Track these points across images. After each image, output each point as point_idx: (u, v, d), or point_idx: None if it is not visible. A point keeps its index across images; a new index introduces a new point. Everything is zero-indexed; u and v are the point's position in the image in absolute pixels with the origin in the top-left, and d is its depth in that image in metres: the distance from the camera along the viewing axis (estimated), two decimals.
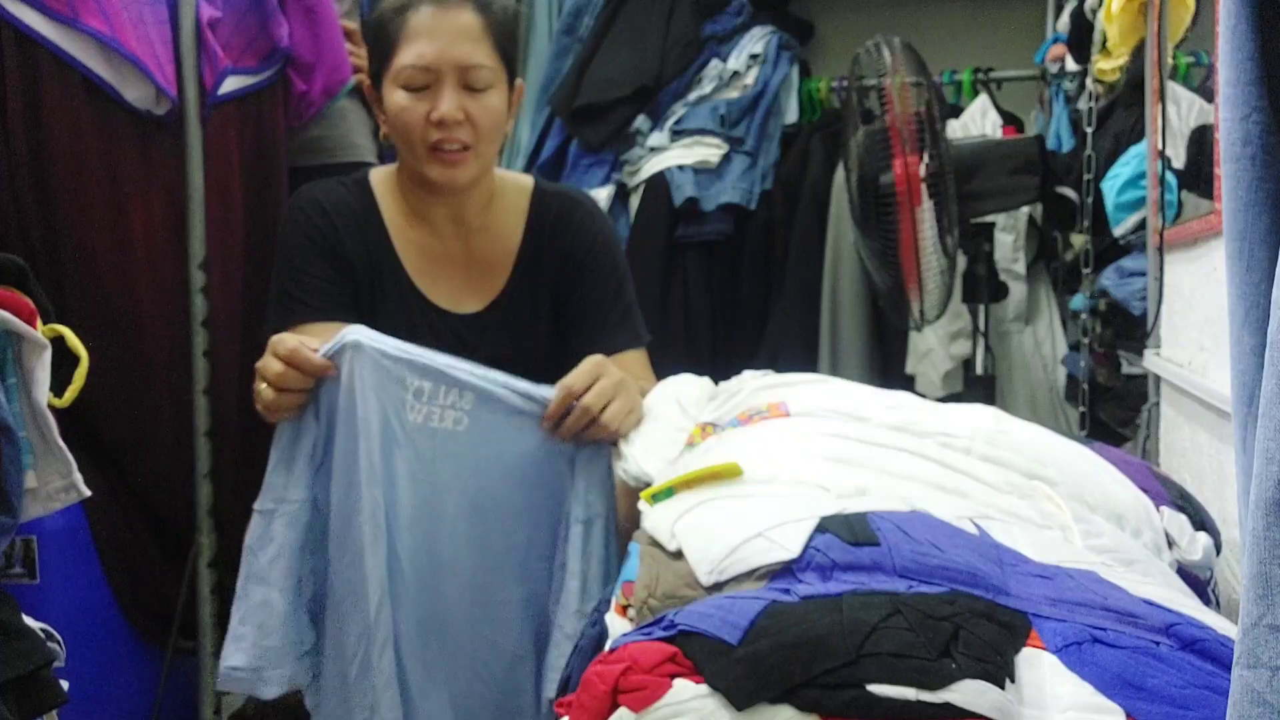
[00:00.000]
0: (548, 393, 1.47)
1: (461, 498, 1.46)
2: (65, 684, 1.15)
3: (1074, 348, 2.67)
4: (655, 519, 1.16)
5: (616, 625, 1.06)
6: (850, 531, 1.02)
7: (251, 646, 1.41)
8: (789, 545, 1.01)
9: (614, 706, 0.86)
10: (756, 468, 1.19)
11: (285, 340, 1.41)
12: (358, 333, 1.41)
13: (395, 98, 1.65)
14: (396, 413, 1.41)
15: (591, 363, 1.51)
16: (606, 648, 0.99)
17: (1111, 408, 2.42)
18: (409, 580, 1.43)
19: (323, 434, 1.42)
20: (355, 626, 1.40)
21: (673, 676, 0.86)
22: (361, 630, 1.39)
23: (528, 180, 1.83)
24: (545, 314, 1.77)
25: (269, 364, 1.41)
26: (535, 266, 1.76)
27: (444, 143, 1.64)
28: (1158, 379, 2.01)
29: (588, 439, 1.48)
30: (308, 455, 1.43)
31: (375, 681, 1.39)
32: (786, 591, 0.94)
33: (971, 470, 1.25)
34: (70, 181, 1.68)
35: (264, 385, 1.41)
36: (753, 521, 1.05)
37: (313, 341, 1.42)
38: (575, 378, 1.48)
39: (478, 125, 1.65)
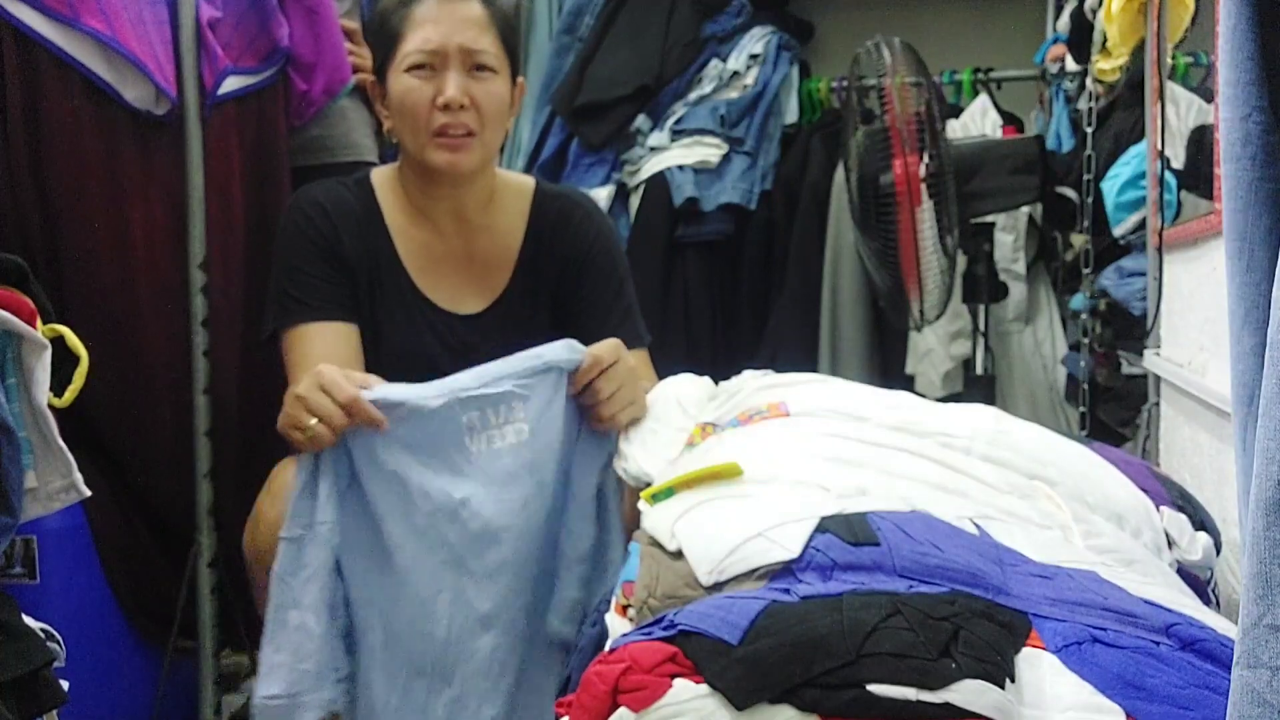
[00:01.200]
0: (561, 354, 1.50)
1: (552, 498, 1.50)
2: (65, 684, 1.15)
3: (1074, 348, 2.67)
4: (655, 519, 1.16)
5: (616, 625, 1.06)
6: (850, 531, 1.02)
7: (288, 673, 1.41)
8: (789, 545, 1.01)
9: (614, 706, 0.86)
10: (756, 468, 1.19)
11: (341, 385, 1.41)
12: (402, 391, 1.43)
13: (401, 82, 1.66)
14: (459, 450, 1.44)
15: (615, 344, 1.55)
16: (606, 648, 0.99)
17: (1111, 408, 2.42)
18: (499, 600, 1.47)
19: (345, 459, 1.44)
20: (416, 660, 1.45)
21: (673, 676, 0.86)
22: (427, 662, 1.45)
23: (529, 181, 1.84)
24: (545, 315, 1.77)
25: (321, 403, 1.41)
26: (536, 268, 1.77)
27: (449, 128, 1.65)
28: (1158, 379, 2.01)
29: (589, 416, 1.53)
30: (332, 480, 1.43)
31: (439, 701, 1.44)
32: (786, 591, 0.94)
33: (972, 470, 1.25)
34: (70, 181, 1.67)
35: (313, 420, 1.41)
36: (753, 521, 1.05)
37: (356, 377, 1.44)
38: (603, 349, 1.52)
39: (482, 111, 1.66)
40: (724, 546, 1.03)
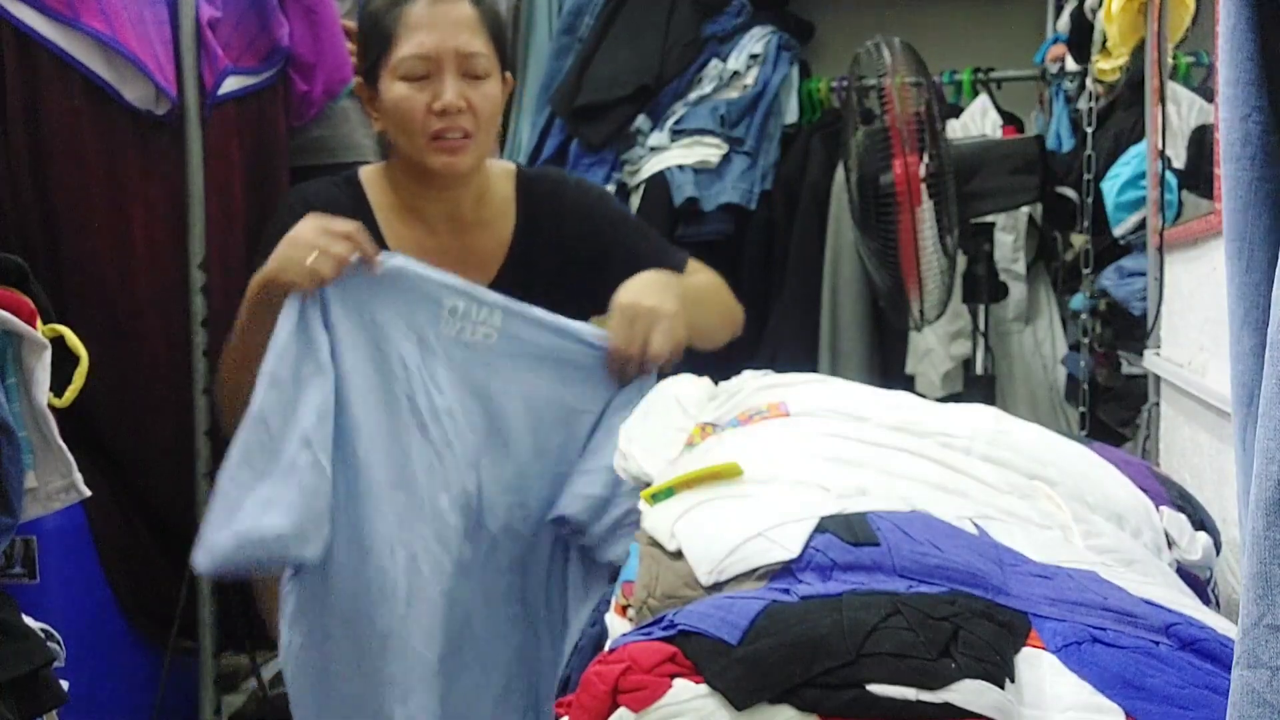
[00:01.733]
0: (582, 331, 1.56)
1: (488, 403, 1.53)
2: (65, 684, 1.15)
3: (1074, 348, 2.67)
4: (655, 519, 1.16)
5: (616, 625, 1.06)
6: (850, 531, 1.02)
7: (292, 507, 1.34)
8: (789, 545, 1.00)
9: (614, 706, 0.86)
10: (756, 468, 1.19)
11: (336, 221, 1.46)
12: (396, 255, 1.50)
13: (395, 89, 1.66)
14: (431, 324, 1.48)
15: (622, 313, 1.56)
16: (606, 648, 0.99)
17: (1111, 408, 2.42)
18: (449, 467, 1.49)
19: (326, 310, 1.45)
20: (386, 515, 1.44)
21: (672, 676, 0.86)
22: (397, 516, 1.44)
23: (510, 165, 1.86)
24: (541, 298, 1.76)
25: (319, 238, 1.43)
26: (529, 255, 1.77)
27: (446, 131, 1.65)
28: (1158, 379, 2.01)
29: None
30: (323, 325, 1.43)
31: (395, 565, 1.43)
32: (786, 591, 0.94)
33: (971, 470, 1.25)
34: (70, 181, 1.68)
35: (314, 254, 1.41)
36: (753, 521, 1.05)
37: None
38: (618, 338, 1.55)
39: (478, 113, 1.67)
40: (724, 546, 1.03)
